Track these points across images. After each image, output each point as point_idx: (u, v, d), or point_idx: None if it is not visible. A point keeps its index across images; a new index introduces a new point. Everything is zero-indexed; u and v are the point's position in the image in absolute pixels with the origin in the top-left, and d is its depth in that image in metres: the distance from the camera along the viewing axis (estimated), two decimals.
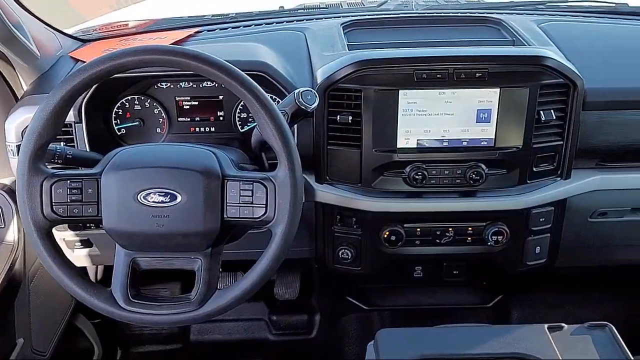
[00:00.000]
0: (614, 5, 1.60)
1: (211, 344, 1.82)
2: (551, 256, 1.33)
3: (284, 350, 1.81)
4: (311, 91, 1.08)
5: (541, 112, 1.17)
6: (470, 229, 1.27)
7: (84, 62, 1.19)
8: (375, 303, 1.74)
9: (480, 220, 1.27)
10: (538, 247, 1.30)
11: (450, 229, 1.27)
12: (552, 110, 1.18)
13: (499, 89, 1.16)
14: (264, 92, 0.95)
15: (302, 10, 1.69)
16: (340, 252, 1.31)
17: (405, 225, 1.27)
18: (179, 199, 0.95)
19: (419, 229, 1.27)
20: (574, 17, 1.52)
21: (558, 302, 1.85)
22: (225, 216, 0.97)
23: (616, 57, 1.30)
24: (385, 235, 1.26)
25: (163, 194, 0.95)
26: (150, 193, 0.95)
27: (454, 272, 1.37)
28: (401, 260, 1.33)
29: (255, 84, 0.95)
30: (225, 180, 0.97)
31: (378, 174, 1.22)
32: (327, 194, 1.26)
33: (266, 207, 0.96)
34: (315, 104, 1.07)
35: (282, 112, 1.05)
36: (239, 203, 0.97)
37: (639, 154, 1.25)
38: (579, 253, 1.41)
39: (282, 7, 1.75)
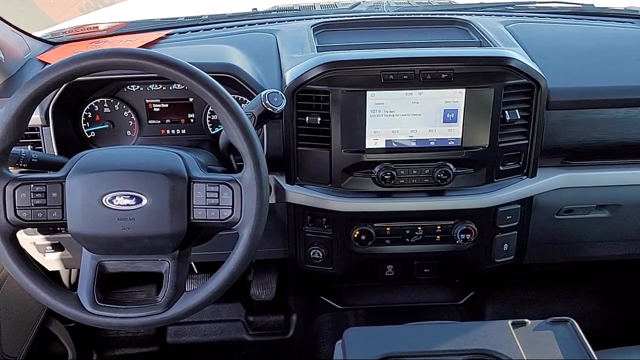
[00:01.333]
0: (580, 6, 1.63)
1: (188, 346, 1.82)
2: (519, 253, 1.36)
3: (260, 351, 1.81)
4: (278, 93, 1.09)
5: (506, 112, 1.19)
6: (439, 227, 1.29)
7: None
8: (349, 302, 1.75)
9: (449, 218, 1.29)
10: (506, 245, 1.32)
11: (420, 228, 1.29)
12: (517, 110, 1.20)
13: (464, 90, 1.18)
14: (229, 94, 0.96)
15: (275, 13, 1.69)
16: (312, 252, 1.32)
17: (375, 224, 1.28)
18: (144, 201, 0.96)
19: (388, 228, 1.29)
20: (541, 18, 1.55)
21: (531, 298, 1.88)
22: (191, 218, 0.98)
23: (580, 57, 1.33)
24: (356, 235, 1.28)
25: (128, 196, 0.96)
26: (116, 196, 0.95)
27: (425, 270, 1.39)
28: (372, 259, 1.34)
29: (220, 85, 0.95)
30: (192, 182, 0.98)
31: (347, 175, 1.23)
32: (297, 194, 1.27)
33: (232, 209, 0.97)
34: (282, 105, 1.08)
35: (248, 114, 1.06)
36: (206, 205, 0.98)
37: (603, 152, 1.28)
38: (547, 250, 1.43)
39: (255, 9, 1.76)
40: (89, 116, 1.31)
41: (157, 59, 0.93)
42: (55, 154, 1.22)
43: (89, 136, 1.32)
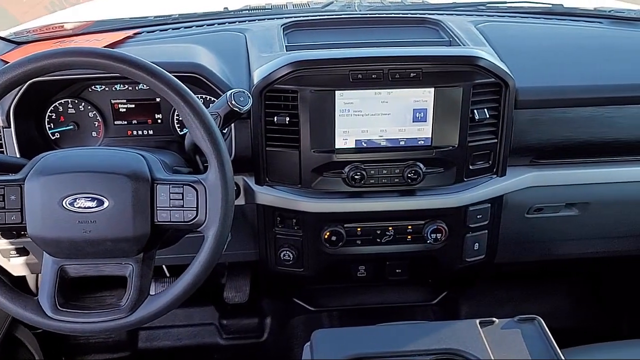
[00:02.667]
0: (550, 6, 1.64)
1: (160, 351, 1.79)
2: (490, 252, 1.36)
3: (234, 355, 1.79)
4: (244, 92, 1.07)
5: (475, 111, 1.19)
6: (409, 227, 1.29)
7: None
8: (322, 304, 1.74)
9: (419, 218, 1.28)
10: (476, 244, 1.32)
11: (390, 228, 1.28)
12: (485, 109, 1.20)
13: (433, 89, 1.17)
14: (191, 94, 0.94)
15: (247, 12, 1.68)
16: (282, 254, 1.30)
17: (345, 225, 1.27)
18: (106, 204, 0.93)
19: (359, 229, 1.28)
20: (511, 17, 1.55)
21: (505, 297, 1.89)
22: (155, 220, 0.96)
23: (548, 57, 1.33)
24: (326, 236, 1.27)
25: (89, 199, 0.93)
26: (77, 198, 0.93)
27: (397, 270, 1.38)
28: (343, 260, 1.33)
29: (182, 85, 0.94)
30: (155, 184, 0.96)
31: (317, 175, 1.22)
32: (266, 195, 1.25)
33: (197, 210, 0.95)
34: (249, 105, 1.07)
35: (214, 114, 1.05)
36: (169, 207, 0.96)
37: (571, 151, 1.29)
38: (518, 248, 1.44)
39: (227, 8, 1.74)
40: (53, 117, 1.28)
41: (117, 57, 0.91)
42: (18, 155, 1.19)
43: (53, 138, 1.29)
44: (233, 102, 1.05)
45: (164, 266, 1.64)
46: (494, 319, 1.01)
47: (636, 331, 1.78)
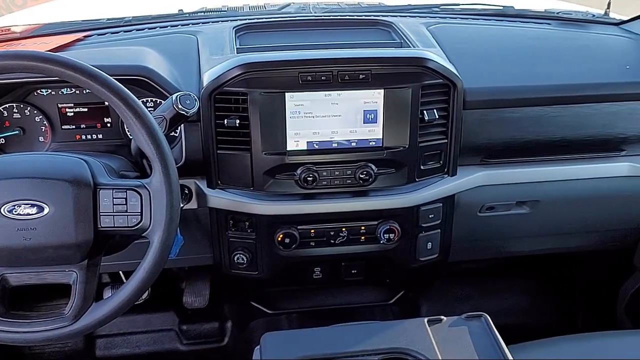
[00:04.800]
0: (501, 8, 1.67)
1: (119, 359, 1.76)
2: (443, 251, 1.37)
3: None
4: (190, 95, 1.06)
5: (425, 111, 1.21)
6: (363, 228, 1.29)
7: None
8: (281, 306, 1.73)
9: (372, 219, 1.29)
10: (429, 243, 1.34)
11: (344, 229, 1.29)
12: (435, 110, 1.22)
13: (383, 90, 1.18)
14: (133, 96, 0.93)
15: (202, 14, 1.67)
16: (236, 257, 1.29)
17: (299, 227, 1.27)
18: (46, 210, 0.91)
19: (312, 231, 1.28)
20: (463, 19, 1.58)
21: (465, 295, 1.91)
22: (99, 226, 0.94)
23: (497, 58, 1.36)
24: (280, 238, 1.26)
25: (29, 205, 0.91)
26: (16, 205, 0.91)
27: (353, 271, 1.38)
28: (298, 262, 1.33)
29: (123, 87, 0.92)
30: (98, 189, 0.94)
31: (269, 177, 1.21)
32: (219, 199, 1.24)
33: (141, 215, 0.94)
34: (195, 108, 1.06)
35: (159, 117, 1.04)
36: (113, 212, 0.94)
37: (520, 150, 1.31)
38: (471, 247, 1.46)
39: (181, 10, 1.72)
40: None
41: (55, 61, 0.90)
42: None
43: None
44: (179, 105, 1.04)
45: (120, 272, 1.62)
46: (442, 317, 1.02)
47: (590, 325, 1.83)
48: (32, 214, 0.91)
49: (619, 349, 1.13)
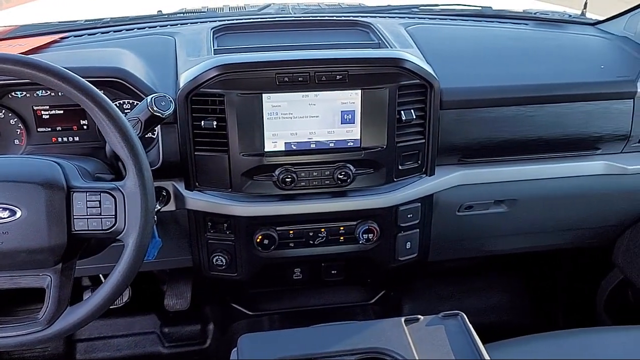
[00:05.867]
0: (479, 8, 1.68)
1: None
2: (422, 251, 1.38)
3: None
4: (165, 97, 1.06)
5: (402, 112, 1.21)
6: (342, 228, 1.29)
7: None
8: (262, 308, 1.73)
9: (351, 219, 1.29)
10: (408, 243, 1.34)
11: (323, 230, 1.29)
12: (412, 110, 1.22)
13: (360, 91, 1.19)
14: (106, 98, 0.92)
15: (181, 15, 1.66)
16: (215, 259, 1.29)
17: (278, 228, 1.27)
18: (18, 214, 0.91)
19: (292, 231, 1.28)
20: (442, 20, 1.59)
21: (446, 294, 1.92)
22: (72, 229, 0.94)
23: (474, 58, 1.37)
24: (258, 240, 1.26)
25: (1, 209, 0.90)
26: None
27: (333, 271, 1.39)
28: (278, 263, 1.33)
29: (95, 90, 0.92)
30: (71, 192, 0.94)
31: (248, 179, 1.21)
32: (197, 200, 1.24)
33: (115, 218, 0.94)
34: (170, 110, 1.06)
35: (134, 119, 1.03)
36: (87, 215, 0.94)
37: (497, 149, 1.32)
38: (451, 246, 1.47)
39: (160, 11, 1.72)
40: None
41: (26, 63, 0.89)
42: None
43: None
44: (154, 107, 1.03)
45: (101, 275, 1.60)
46: (419, 316, 1.03)
47: (570, 322, 1.85)
48: (4, 218, 0.90)
49: (595, 346, 1.14)
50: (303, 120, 1.20)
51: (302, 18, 1.53)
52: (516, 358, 1.07)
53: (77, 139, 1.27)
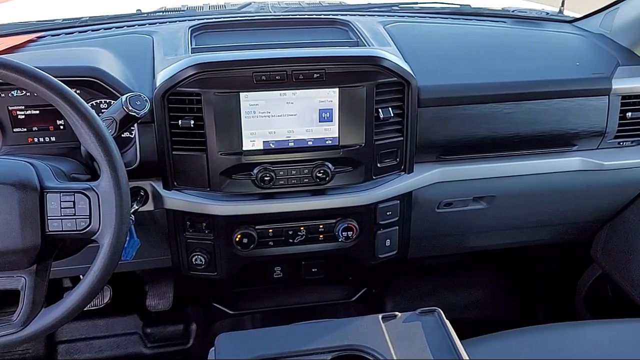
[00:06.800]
0: (458, 6, 1.69)
1: None
2: (402, 248, 1.38)
3: None
4: (141, 96, 1.05)
5: (380, 110, 1.22)
6: (321, 226, 1.30)
7: None
8: (244, 307, 1.73)
9: (330, 217, 1.29)
10: (388, 240, 1.35)
11: (302, 228, 1.29)
12: (390, 108, 1.23)
13: (338, 89, 1.19)
14: (79, 98, 0.92)
15: (160, 14, 1.65)
16: (194, 259, 1.29)
17: (257, 227, 1.27)
18: None
19: (271, 230, 1.28)
20: (421, 18, 1.59)
21: (429, 290, 1.94)
22: (46, 230, 0.93)
23: (451, 56, 1.37)
24: (238, 239, 1.26)
25: None
26: None
27: (313, 269, 1.39)
28: (257, 262, 1.33)
29: (68, 89, 0.91)
30: (45, 193, 0.93)
31: (226, 178, 1.21)
32: (175, 200, 1.23)
33: (90, 218, 0.93)
34: (146, 109, 1.05)
35: (109, 119, 1.03)
36: (61, 216, 0.93)
37: (475, 146, 1.33)
38: (431, 243, 1.48)
39: (140, 10, 1.70)
40: None
41: None
42: None
43: None
44: (129, 106, 1.03)
45: (81, 276, 1.59)
46: (397, 313, 1.03)
47: (550, 317, 1.87)
48: None
49: (571, 340, 1.16)
50: (281, 119, 1.20)
51: (281, 16, 1.53)
52: (493, 353, 1.08)
53: (53, 139, 1.26)
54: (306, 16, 1.53)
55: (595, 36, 1.51)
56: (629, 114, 1.36)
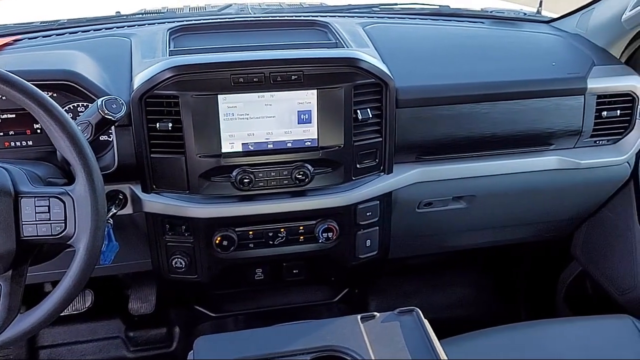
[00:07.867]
0: (437, 7, 1.70)
1: None
2: (382, 248, 1.39)
3: None
4: (117, 99, 1.05)
5: (358, 111, 1.22)
6: (301, 228, 1.30)
7: None
8: (226, 309, 1.73)
9: (310, 218, 1.30)
10: (368, 241, 1.35)
11: (282, 230, 1.29)
12: (368, 109, 1.23)
13: (316, 90, 1.19)
14: (52, 102, 0.91)
15: (140, 16, 1.64)
16: (174, 262, 1.28)
17: (237, 229, 1.27)
18: None
19: (251, 232, 1.28)
20: (400, 19, 1.60)
21: (413, 290, 1.94)
22: (21, 235, 0.92)
23: (430, 56, 1.38)
24: (218, 241, 1.26)
25: None
26: None
27: (294, 271, 1.39)
28: (238, 264, 1.33)
29: (41, 93, 0.90)
30: (19, 197, 0.92)
31: (205, 180, 1.21)
32: (154, 203, 1.23)
33: (65, 223, 0.92)
34: (122, 112, 1.05)
35: (84, 123, 1.02)
36: (36, 220, 0.92)
37: (453, 146, 1.34)
38: (412, 243, 1.48)
39: (119, 12, 1.70)
40: None
41: None
42: None
43: None
44: (105, 110, 1.02)
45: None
46: (375, 313, 1.04)
47: (531, 314, 1.89)
48: None
49: (549, 337, 1.17)
50: (260, 121, 1.20)
51: (260, 18, 1.53)
52: (472, 352, 1.09)
53: (30, 143, 1.25)
54: (286, 18, 1.53)
55: (571, 36, 1.53)
56: (604, 113, 1.38)
